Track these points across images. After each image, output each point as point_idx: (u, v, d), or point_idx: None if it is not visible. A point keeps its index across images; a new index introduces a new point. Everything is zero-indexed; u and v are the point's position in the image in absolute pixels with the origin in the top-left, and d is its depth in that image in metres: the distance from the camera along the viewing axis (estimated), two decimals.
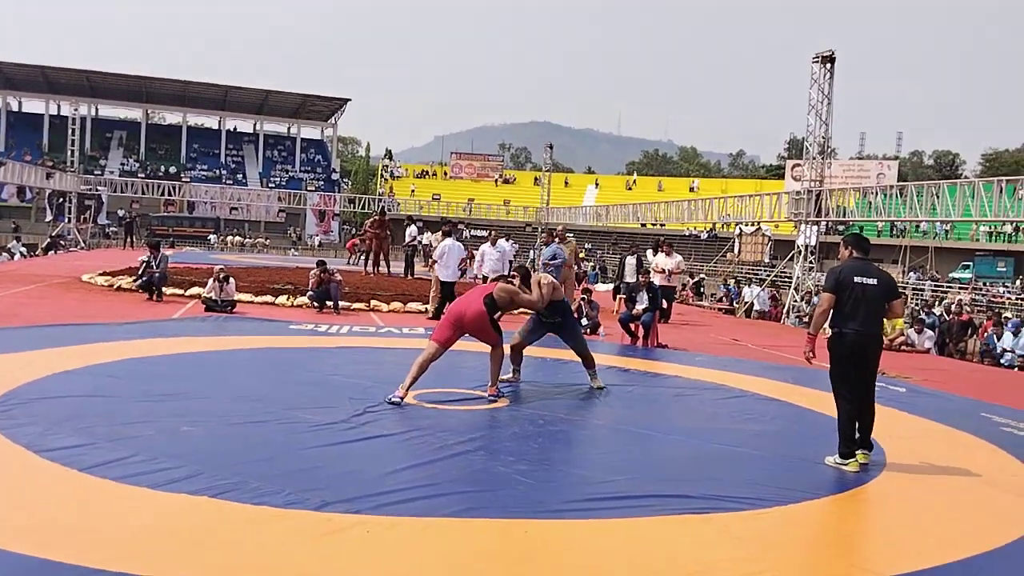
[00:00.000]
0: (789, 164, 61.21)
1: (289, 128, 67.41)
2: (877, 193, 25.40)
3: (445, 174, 72.07)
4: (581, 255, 20.51)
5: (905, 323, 13.99)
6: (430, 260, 13.58)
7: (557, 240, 14.65)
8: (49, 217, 46.50)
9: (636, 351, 11.29)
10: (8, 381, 6.52)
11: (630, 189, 67.70)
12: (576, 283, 16.31)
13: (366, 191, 63.39)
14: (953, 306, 20.03)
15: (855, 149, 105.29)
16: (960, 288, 32.25)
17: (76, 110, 40.91)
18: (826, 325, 5.79)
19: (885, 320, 5.98)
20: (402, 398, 6.61)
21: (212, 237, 46.45)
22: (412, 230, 22.63)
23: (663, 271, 15.07)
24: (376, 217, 21.34)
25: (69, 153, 39.64)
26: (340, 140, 76.47)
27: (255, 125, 66.02)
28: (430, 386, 7.03)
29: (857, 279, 5.55)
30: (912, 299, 25.11)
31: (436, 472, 4.86)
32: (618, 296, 15.42)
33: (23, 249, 30.32)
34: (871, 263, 5.87)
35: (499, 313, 7.30)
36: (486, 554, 3.72)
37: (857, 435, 5.58)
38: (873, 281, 5.57)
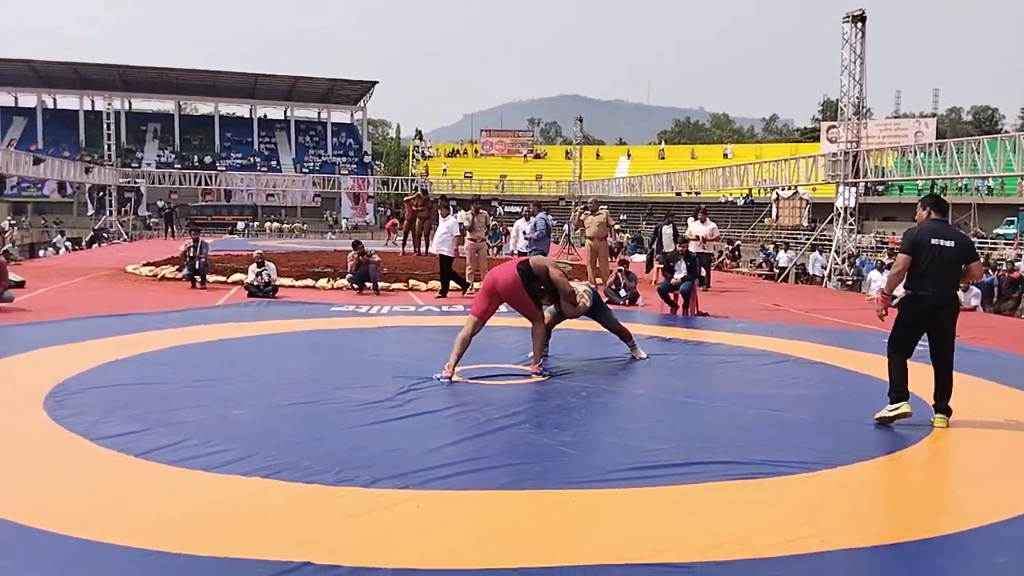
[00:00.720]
0: (824, 126, 60.18)
1: (319, 113, 67.78)
2: (916, 152, 24.84)
3: (476, 152, 71.98)
4: (616, 227, 20.42)
5: None
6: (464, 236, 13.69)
7: (581, 210, 14.53)
8: (91, 211, 47.27)
9: (676, 320, 11.24)
10: (60, 372, 6.67)
11: (662, 158, 67.07)
12: (612, 255, 16.27)
13: (398, 172, 63.65)
14: (1004, 264, 19.61)
15: (891, 108, 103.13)
16: (1006, 244, 31.56)
17: (110, 104, 41.45)
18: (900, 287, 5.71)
19: None
20: (449, 377, 6.63)
21: (241, 224, 46.52)
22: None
23: (697, 238, 15.06)
24: (421, 196, 21.44)
25: (106, 147, 40.22)
26: (370, 123, 76.71)
27: (286, 112, 66.43)
28: (472, 362, 7.06)
29: (934, 241, 5.47)
30: None
31: (482, 446, 4.89)
32: (653, 266, 15.34)
33: (67, 243, 30.98)
34: (948, 225, 5.80)
35: (538, 286, 7.16)
36: (536, 525, 3.73)
37: (934, 401, 5.58)
38: (951, 243, 5.49)
